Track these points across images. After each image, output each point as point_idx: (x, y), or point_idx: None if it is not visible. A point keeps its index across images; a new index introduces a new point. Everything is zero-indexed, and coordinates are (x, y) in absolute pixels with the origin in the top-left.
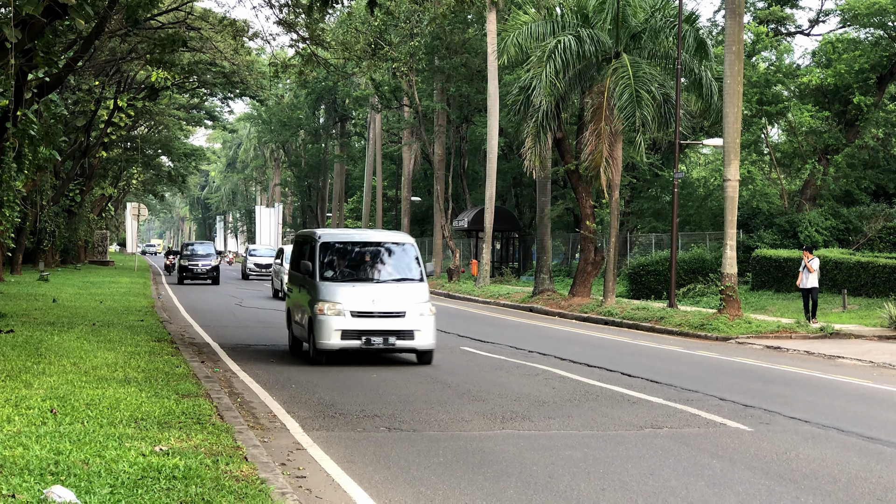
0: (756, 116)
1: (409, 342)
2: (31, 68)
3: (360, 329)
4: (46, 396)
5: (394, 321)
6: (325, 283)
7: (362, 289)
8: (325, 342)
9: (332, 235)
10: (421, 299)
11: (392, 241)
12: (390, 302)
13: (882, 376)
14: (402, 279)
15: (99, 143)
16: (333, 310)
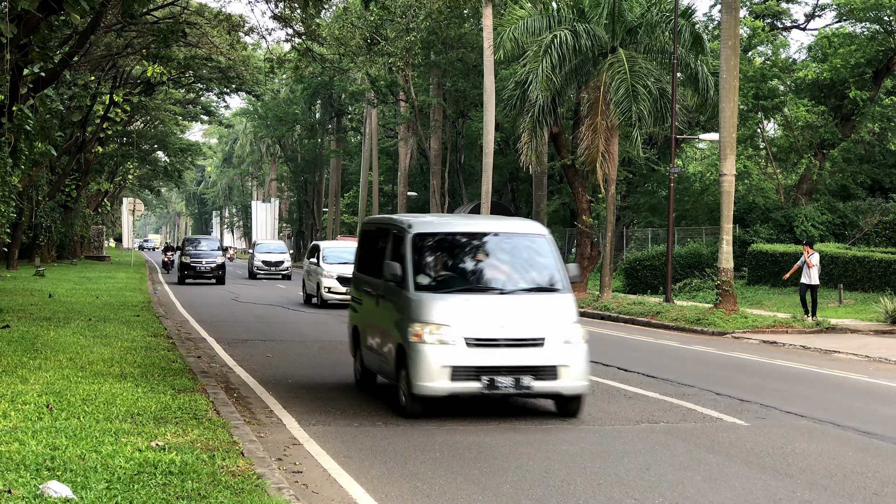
0: (752, 111)
1: (552, 383)
2: (27, 63)
3: (480, 365)
4: (42, 392)
5: (529, 353)
6: (423, 296)
7: (480, 304)
8: (427, 384)
9: (429, 224)
10: (566, 318)
11: (518, 233)
12: (522, 323)
13: (878, 371)
14: (535, 288)
15: (95, 138)
16: (438, 335)
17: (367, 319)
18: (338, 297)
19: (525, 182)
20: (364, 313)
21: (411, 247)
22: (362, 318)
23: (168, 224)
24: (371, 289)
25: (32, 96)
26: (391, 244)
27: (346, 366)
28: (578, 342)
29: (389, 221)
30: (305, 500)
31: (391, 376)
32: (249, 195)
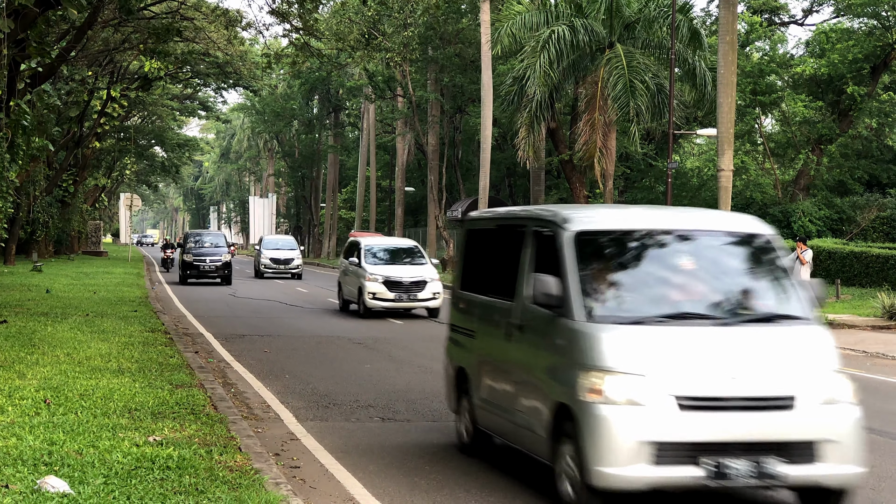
0: (750, 106)
1: (809, 469)
2: (24, 58)
3: (699, 441)
4: (40, 387)
5: (773, 419)
6: (599, 329)
7: (692, 341)
8: (613, 471)
9: (596, 219)
10: (823, 363)
11: (732, 231)
12: (759, 372)
13: (875, 366)
14: (769, 317)
15: (92, 133)
16: (630, 390)
17: (487, 359)
18: (384, 305)
19: (523, 177)
20: (479, 350)
21: (575, 252)
22: (476, 357)
23: (166, 219)
24: (496, 315)
25: (29, 91)
26: (532, 249)
27: (344, 361)
28: (846, 402)
29: (527, 215)
30: (303, 496)
31: (541, 451)
32: (247, 190)
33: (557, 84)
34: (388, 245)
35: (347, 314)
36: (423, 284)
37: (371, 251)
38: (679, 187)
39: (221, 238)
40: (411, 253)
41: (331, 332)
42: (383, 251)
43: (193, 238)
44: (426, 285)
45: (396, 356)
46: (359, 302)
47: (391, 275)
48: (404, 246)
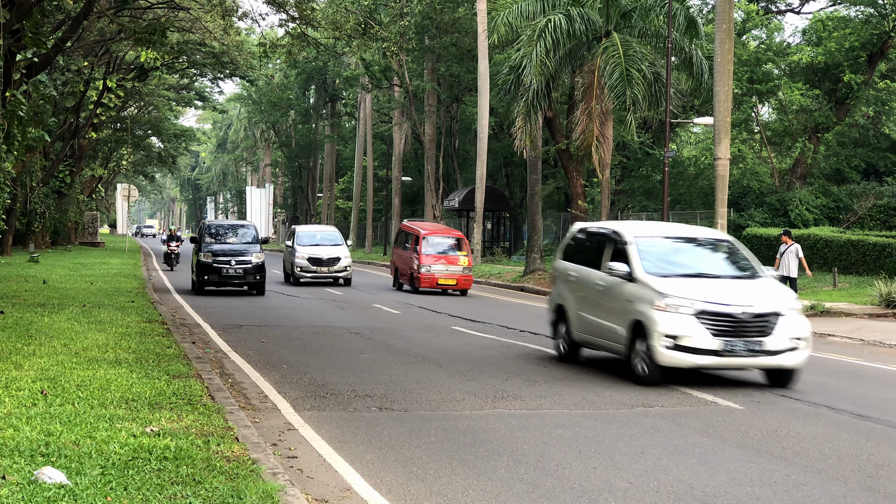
0: (746, 95)
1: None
2: (20, 49)
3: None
4: (37, 378)
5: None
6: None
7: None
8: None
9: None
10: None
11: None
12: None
13: (872, 354)
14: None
15: (88, 123)
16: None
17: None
18: None
19: (519, 167)
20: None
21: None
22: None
23: (162, 210)
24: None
25: (26, 82)
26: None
27: (341, 351)
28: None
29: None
30: (300, 486)
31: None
32: (244, 180)
33: (554, 73)
34: None
35: (339, 308)
36: None
37: None
38: (676, 176)
39: (252, 231)
40: None
41: (328, 322)
42: None
43: (214, 230)
44: None
45: (394, 346)
46: None
47: None
48: None
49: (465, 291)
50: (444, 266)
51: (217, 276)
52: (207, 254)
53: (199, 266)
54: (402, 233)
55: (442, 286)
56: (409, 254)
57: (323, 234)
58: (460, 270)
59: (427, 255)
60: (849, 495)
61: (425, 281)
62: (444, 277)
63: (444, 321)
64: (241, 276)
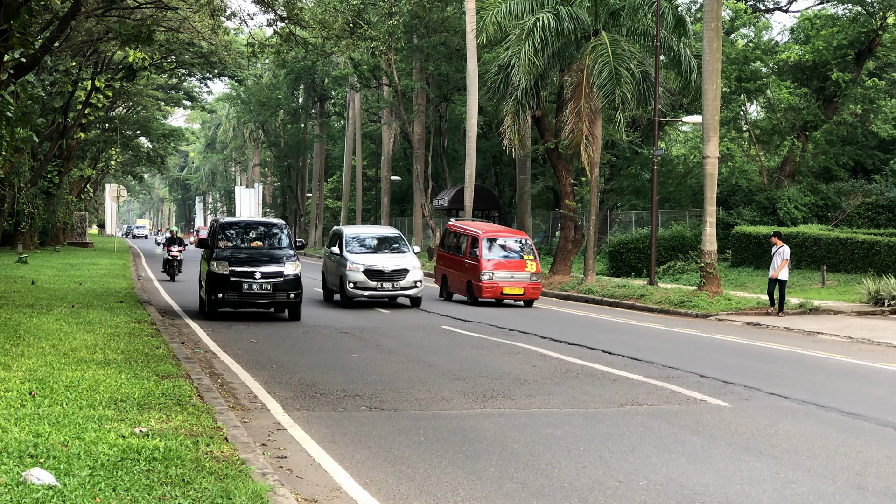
0: (735, 93)
1: None
2: (7, 49)
3: None
4: (25, 379)
5: None
6: None
7: None
8: None
9: None
10: None
11: None
12: None
13: (861, 352)
14: None
15: (77, 124)
16: None
17: None
18: None
19: (509, 166)
20: None
21: None
22: None
23: (151, 210)
24: None
25: (13, 82)
26: None
27: (331, 351)
28: None
29: None
30: (290, 486)
31: None
32: (233, 180)
33: (543, 72)
34: None
35: (331, 304)
36: None
37: None
38: (665, 174)
39: (283, 232)
40: None
41: (317, 322)
42: None
43: (232, 230)
44: None
45: (384, 345)
46: None
47: None
48: None
49: (531, 302)
50: (509, 273)
51: (236, 294)
52: (222, 262)
53: (211, 279)
54: (451, 234)
55: (507, 296)
56: (464, 259)
57: (381, 238)
58: (528, 277)
59: (489, 259)
60: (838, 493)
61: (487, 290)
62: (510, 286)
63: (434, 321)
64: (270, 294)
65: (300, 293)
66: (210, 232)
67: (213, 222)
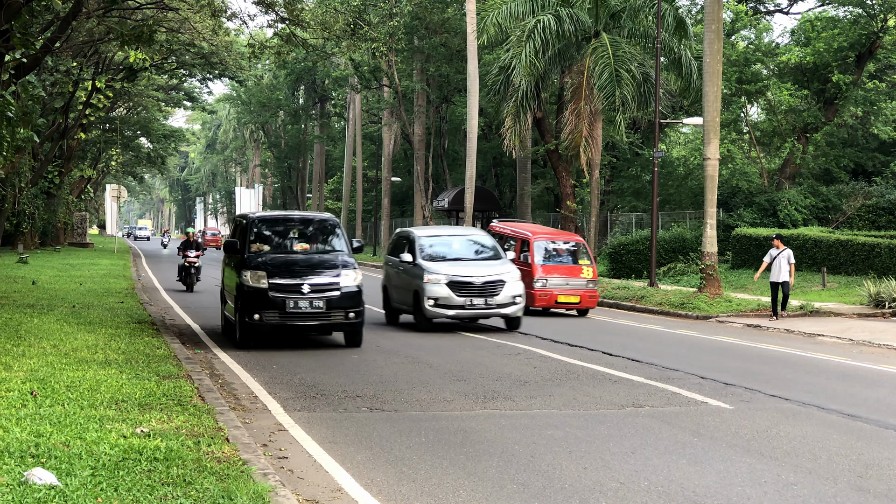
0: (735, 95)
1: None
2: (8, 49)
3: None
4: (26, 379)
5: None
6: None
7: None
8: None
9: None
10: None
11: None
12: None
13: (862, 354)
14: None
15: (77, 124)
16: None
17: None
18: None
19: (509, 167)
20: None
21: None
22: None
23: (152, 210)
24: None
25: (14, 82)
26: None
27: (332, 352)
28: None
29: None
30: (291, 486)
31: None
32: (233, 181)
33: (543, 73)
34: None
35: None
36: None
37: None
38: (665, 176)
39: (336, 232)
40: None
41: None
42: None
43: (268, 228)
44: None
45: (383, 346)
46: None
47: None
48: None
49: (585, 311)
50: (564, 279)
51: (277, 315)
52: (257, 273)
53: (244, 296)
54: (496, 238)
55: (561, 305)
56: None
57: (465, 241)
58: (584, 284)
59: (542, 264)
60: (839, 495)
61: (541, 299)
62: (565, 294)
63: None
64: (323, 312)
65: (362, 312)
66: (237, 231)
67: (238, 219)
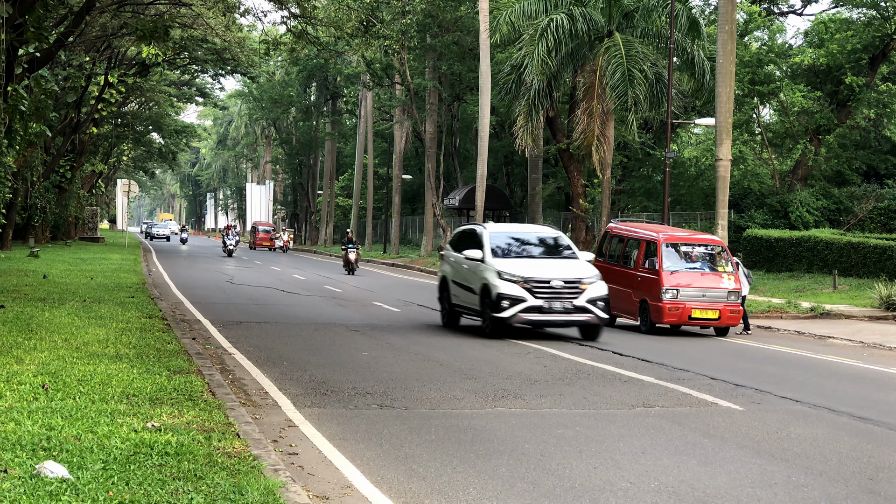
0: (748, 96)
1: None
2: (22, 43)
3: None
4: (38, 372)
5: None
6: None
7: None
8: None
9: None
10: None
11: None
12: None
13: (872, 356)
14: None
15: (89, 119)
16: None
17: None
18: None
19: (520, 166)
20: None
21: None
22: None
23: (162, 205)
24: None
25: (27, 76)
26: None
27: (342, 349)
28: None
29: None
30: (301, 482)
31: None
32: (244, 177)
33: (555, 73)
34: None
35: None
36: None
37: None
38: (676, 176)
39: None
40: None
41: (328, 320)
42: None
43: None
44: None
45: (394, 343)
46: None
47: None
48: None
49: (725, 330)
50: (700, 290)
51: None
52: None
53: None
54: (615, 239)
55: (696, 321)
56: (636, 271)
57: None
58: (724, 296)
59: (672, 272)
60: (849, 497)
61: (671, 313)
62: (701, 307)
63: None
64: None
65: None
66: (462, 237)
67: (469, 231)
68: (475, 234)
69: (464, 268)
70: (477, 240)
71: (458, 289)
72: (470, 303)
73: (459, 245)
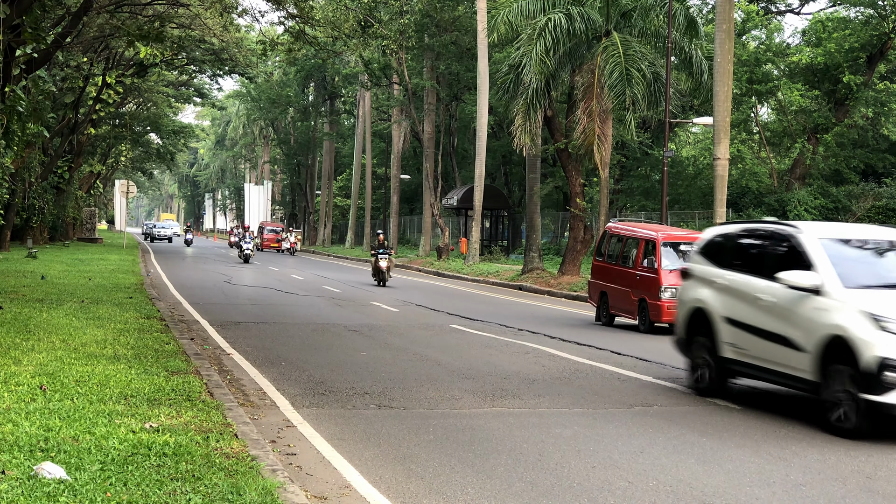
0: (746, 95)
1: None
2: (20, 44)
3: None
4: (35, 373)
5: None
6: None
7: None
8: None
9: None
10: None
11: None
12: None
13: None
14: None
15: (87, 119)
16: None
17: None
18: None
19: (518, 165)
20: None
21: None
22: None
23: (161, 206)
24: None
25: (25, 77)
26: None
27: (340, 349)
28: None
29: None
30: (300, 482)
31: None
32: (242, 177)
33: (554, 72)
34: None
35: (337, 306)
36: None
37: None
38: (675, 176)
39: None
40: None
41: (326, 320)
42: None
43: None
44: None
45: (392, 344)
46: None
47: None
48: None
49: None
50: None
51: None
52: None
53: None
54: (613, 239)
55: None
56: (634, 270)
57: None
58: None
59: (671, 271)
60: (848, 496)
61: (668, 312)
62: None
63: (443, 319)
64: None
65: None
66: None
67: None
68: (781, 241)
69: (760, 300)
70: (788, 251)
71: (748, 335)
72: (782, 362)
73: (728, 256)
